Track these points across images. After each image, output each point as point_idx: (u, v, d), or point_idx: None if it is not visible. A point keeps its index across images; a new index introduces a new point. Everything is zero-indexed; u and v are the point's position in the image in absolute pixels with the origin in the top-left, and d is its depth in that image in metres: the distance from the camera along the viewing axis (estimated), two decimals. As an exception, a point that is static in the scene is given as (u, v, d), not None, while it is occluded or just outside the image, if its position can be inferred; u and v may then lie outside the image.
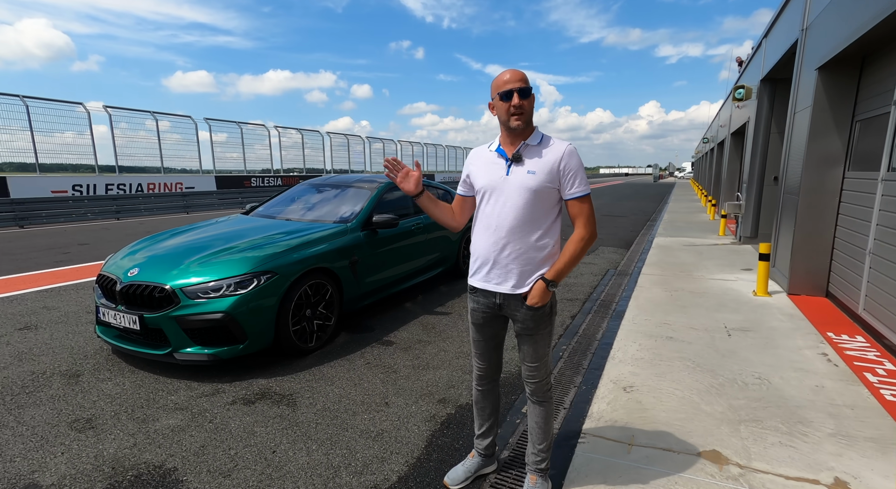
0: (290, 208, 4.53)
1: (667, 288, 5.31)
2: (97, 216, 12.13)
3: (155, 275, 3.05)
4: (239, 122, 18.68)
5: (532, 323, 1.76)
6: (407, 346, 3.65)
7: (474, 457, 2.09)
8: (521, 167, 1.70)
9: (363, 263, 3.99)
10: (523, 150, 1.71)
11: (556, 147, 1.70)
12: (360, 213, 4.18)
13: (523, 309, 1.75)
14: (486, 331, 1.90)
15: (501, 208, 1.72)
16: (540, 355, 1.82)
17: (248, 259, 3.17)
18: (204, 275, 3.02)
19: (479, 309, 1.85)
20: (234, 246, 3.39)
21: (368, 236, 4.09)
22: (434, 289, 5.38)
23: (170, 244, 3.57)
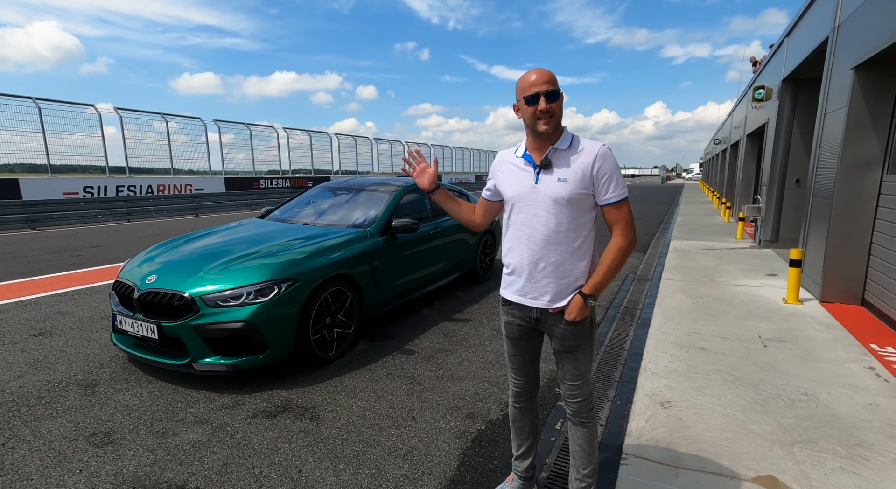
0: (307, 212, 4.44)
1: (691, 294, 5.16)
2: (108, 218, 12.14)
3: (173, 282, 2.96)
4: (248, 124, 18.70)
5: (572, 339, 1.65)
6: (429, 356, 3.54)
7: (514, 481, 1.98)
8: (551, 174, 1.58)
9: (383, 269, 3.88)
10: (552, 156, 1.59)
11: (587, 149, 1.57)
12: (379, 217, 4.08)
13: (562, 324, 1.64)
14: (522, 345, 1.80)
15: (533, 219, 1.62)
16: (581, 373, 1.71)
17: (269, 266, 3.07)
18: (224, 283, 2.93)
19: (515, 322, 1.75)
20: (254, 252, 3.29)
21: (388, 241, 3.98)
22: (451, 294, 5.26)
23: (187, 250, 3.49)
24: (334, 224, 4.08)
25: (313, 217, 4.31)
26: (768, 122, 8.66)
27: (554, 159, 1.59)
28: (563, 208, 1.57)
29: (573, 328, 1.63)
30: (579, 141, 1.60)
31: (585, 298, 1.59)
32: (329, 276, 3.30)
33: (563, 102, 1.56)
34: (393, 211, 4.22)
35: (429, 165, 1.88)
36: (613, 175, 1.56)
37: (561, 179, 1.56)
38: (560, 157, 1.58)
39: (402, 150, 31.34)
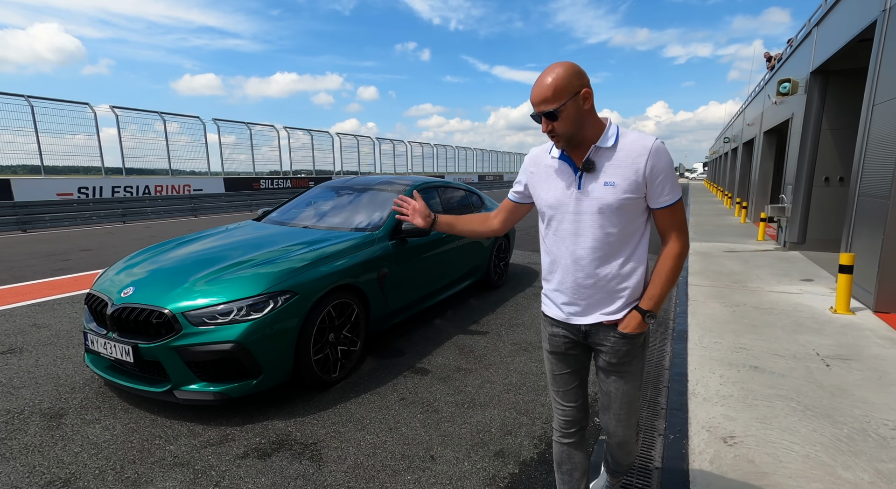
0: (308, 214, 4.04)
1: (725, 302, 4.74)
2: (102, 220, 11.76)
3: (153, 295, 2.56)
4: (248, 123, 18.32)
5: (624, 355, 1.45)
6: (445, 376, 3.13)
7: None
8: (596, 178, 1.36)
9: (392, 277, 3.48)
10: (595, 156, 1.36)
11: (637, 145, 1.33)
12: (387, 219, 3.67)
13: (614, 336, 1.44)
14: (569, 361, 1.56)
15: (576, 230, 1.41)
16: (633, 397, 1.50)
17: (264, 276, 2.67)
18: (211, 296, 2.52)
19: (560, 335, 1.53)
20: (247, 259, 2.89)
21: (397, 246, 3.58)
22: (464, 303, 4.85)
23: (172, 257, 3.08)
24: (337, 227, 3.67)
25: (314, 219, 3.90)
26: (793, 117, 8.24)
27: (597, 159, 1.36)
28: (612, 216, 1.36)
29: (627, 342, 1.43)
30: (626, 134, 1.36)
31: (644, 314, 1.40)
32: (332, 287, 2.89)
33: (574, 110, 1.30)
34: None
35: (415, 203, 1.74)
36: (668, 175, 1.34)
37: (608, 183, 1.34)
38: (604, 157, 1.35)
39: (405, 150, 30.95)
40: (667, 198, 1.35)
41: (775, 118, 9.97)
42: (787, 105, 8.81)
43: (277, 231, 3.63)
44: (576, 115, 1.30)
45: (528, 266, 6.68)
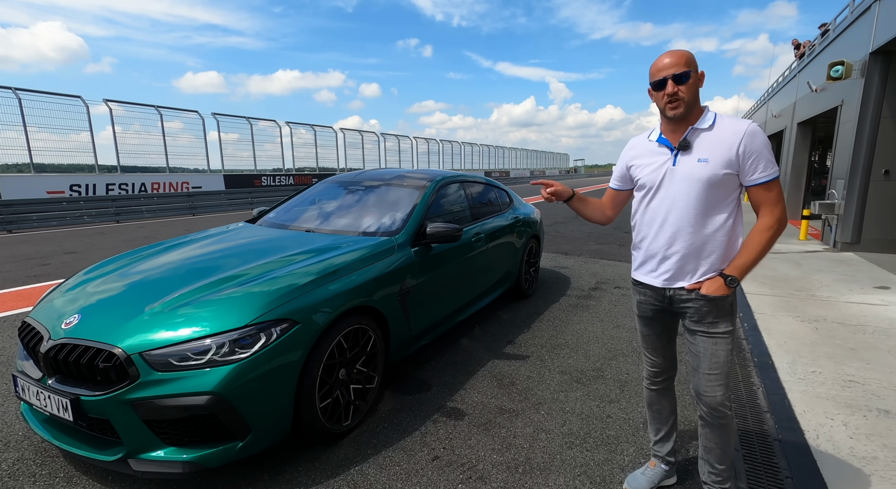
0: (311, 215, 3.36)
1: (797, 315, 4.05)
2: (94, 219, 11.13)
3: (102, 327, 1.90)
4: (249, 118, 17.65)
5: (710, 315, 1.55)
6: (486, 421, 2.46)
7: (655, 466, 1.91)
8: (690, 155, 1.52)
9: (417, 292, 2.81)
10: (691, 136, 1.52)
11: (732, 128, 1.48)
12: (409, 220, 2.99)
13: (699, 301, 1.55)
14: (655, 325, 1.76)
15: (670, 203, 1.56)
16: (723, 360, 1.57)
17: (254, 298, 2.00)
18: (181, 328, 1.86)
19: (647, 301, 1.72)
20: (233, 275, 2.22)
21: (421, 254, 2.90)
22: (493, 316, 4.18)
23: (140, 270, 2.42)
24: (347, 231, 3.00)
25: (319, 221, 3.23)
26: (843, 104, 7.49)
27: (693, 140, 1.52)
28: (703, 190, 1.50)
29: (710, 304, 1.54)
30: (723, 119, 1.52)
31: (727, 279, 1.51)
32: (344, 311, 2.23)
33: (695, 83, 1.49)
34: (426, 212, 3.14)
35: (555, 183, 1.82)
36: (762, 154, 1.46)
37: (701, 160, 1.49)
38: (700, 138, 1.51)
39: (410, 146, 30.23)
40: (760, 175, 1.46)
41: (816, 107, 9.22)
42: (832, 92, 8.06)
43: (275, 236, 2.96)
44: (695, 87, 1.48)
45: (556, 271, 5.99)
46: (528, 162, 51.51)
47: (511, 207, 4.60)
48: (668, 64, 1.46)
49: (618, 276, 5.66)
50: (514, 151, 47.37)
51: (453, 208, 3.63)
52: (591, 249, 7.48)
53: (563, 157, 65.96)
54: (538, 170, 52.82)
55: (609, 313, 4.26)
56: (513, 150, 46.84)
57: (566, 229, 9.84)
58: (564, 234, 9.20)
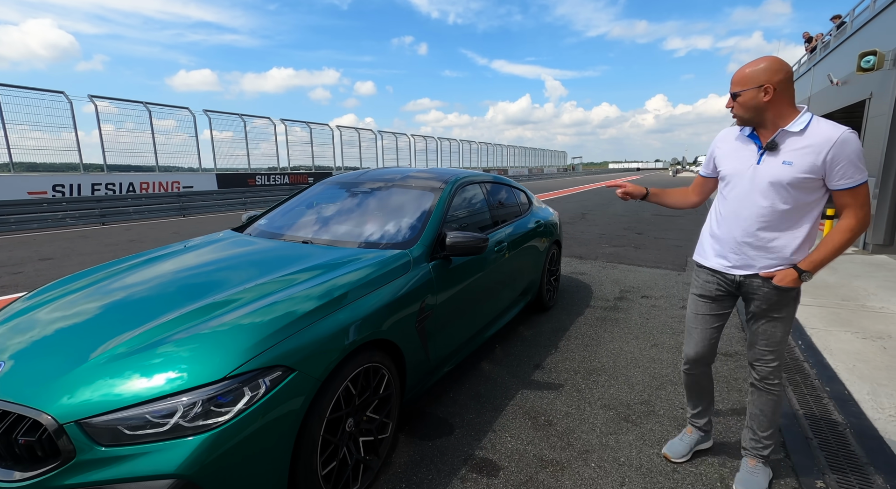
0: (308, 222, 2.88)
1: (855, 330, 3.62)
2: (78, 221, 10.56)
3: (29, 382, 1.42)
4: (242, 115, 17.08)
5: (777, 304, 1.68)
6: (526, 479, 2.00)
7: (693, 433, 2.08)
8: (776, 156, 1.58)
9: (436, 316, 2.34)
10: (780, 138, 1.58)
11: (825, 135, 1.51)
12: (424, 229, 2.52)
13: (767, 288, 1.67)
14: (714, 306, 1.85)
15: (747, 198, 1.65)
16: (779, 339, 1.73)
17: (235, 339, 1.52)
18: (136, 382, 1.38)
19: (713, 283, 1.81)
20: (210, 305, 1.74)
21: (440, 269, 2.43)
22: (513, 333, 3.72)
23: (94, 296, 1.94)
24: (351, 242, 2.52)
25: (317, 230, 2.75)
26: (871, 97, 7.08)
27: (781, 141, 1.58)
28: (782, 191, 1.56)
29: (779, 293, 1.65)
30: (818, 124, 1.54)
31: (801, 273, 1.59)
32: (353, 350, 1.76)
33: (753, 97, 1.56)
34: (443, 219, 2.67)
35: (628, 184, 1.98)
36: (852, 162, 1.49)
37: (786, 163, 1.55)
38: (789, 140, 1.56)
39: (407, 144, 29.72)
40: (845, 182, 1.51)
41: (836, 102, 8.80)
42: (858, 85, 7.65)
43: (265, 249, 2.48)
44: (755, 102, 1.56)
45: (574, 278, 5.54)
46: (526, 160, 51.10)
47: (531, 210, 4.13)
48: (734, 79, 1.62)
49: (642, 284, 5.21)
50: (512, 149, 46.93)
51: (472, 212, 3.17)
52: (607, 253, 7.04)
53: (561, 155, 65.61)
54: (536, 168, 52.41)
55: (642, 329, 3.81)
56: (510, 147, 46.39)
57: (575, 230, 9.40)
58: (574, 235, 8.76)
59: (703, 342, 1.89)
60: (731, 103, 1.62)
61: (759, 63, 1.56)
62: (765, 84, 1.53)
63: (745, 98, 1.58)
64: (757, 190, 1.61)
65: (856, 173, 1.50)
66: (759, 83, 1.54)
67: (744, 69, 1.58)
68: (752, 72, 1.56)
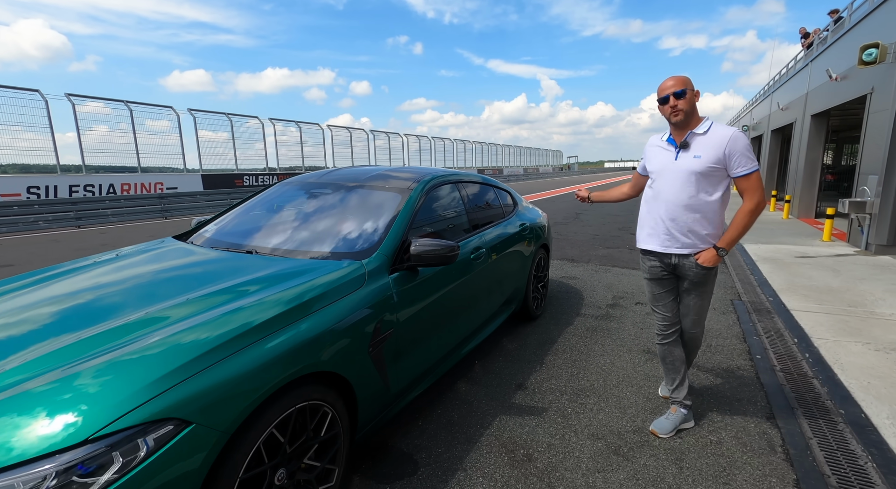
0: (257, 227, 2.55)
1: (867, 341, 3.33)
2: (51, 224, 10.14)
3: None
4: (229, 115, 16.67)
5: (702, 279, 2.11)
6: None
7: (676, 411, 2.30)
8: (688, 152, 2.02)
9: (398, 337, 2.02)
10: (690, 139, 2.03)
11: (721, 133, 1.98)
12: (386, 236, 2.20)
13: (695, 268, 2.09)
14: (664, 284, 2.24)
15: (671, 187, 2.06)
16: (703, 307, 2.21)
17: (108, 385, 1.19)
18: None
19: (658, 266, 2.21)
20: (95, 336, 1.41)
21: (404, 282, 2.12)
22: (496, 346, 3.40)
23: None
24: (300, 252, 2.19)
25: (265, 237, 2.42)
26: (873, 92, 6.81)
27: (691, 141, 2.03)
28: (696, 179, 2.00)
29: (704, 271, 2.09)
30: (716, 127, 2.02)
31: (718, 250, 2.03)
32: (279, 389, 1.43)
33: (691, 98, 2.01)
34: (410, 223, 2.35)
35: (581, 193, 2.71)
36: (744, 154, 1.96)
37: (696, 156, 2.00)
38: (697, 140, 2.02)
39: (401, 144, 29.36)
40: (742, 169, 1.96)
41: (836, 97, 8.54)
42: (858, 79, 7.38)
43: (198, 261, 2.14)
44: (691, 101, 2.01)
45: (564, 282, 5.23)
46: (522, 159, 50.82)
47: (516, 211, 3.82)
48: (670, 85, 2.00)
49: (636, 289, 4.91)
50: (508, 148, 46.64)
51: (447, 216, 2.85)
52: (600, 255, 6.74)
53: (557, 154, 65.40)
54: (531, 167, 52.16)
55: (636, 340, 3.51)
56: (506, 147, 46.09)
57: (569, 231, 9.10)
58: (567, 236, 8.46)
59: (668, 314, 2.28)
60: (676, 101, 1.99)
61: (680, 75, 2.04)
62: (694, 89, 2.02)
63: (689, 96, 2.00)
64: (677, 180, 2.03)
65: (748, 162, 1.95)
66: (693, 86, 2.01)
67: (673, 78, 2.03)
68: (684, 78, 2.02)
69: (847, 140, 19.09)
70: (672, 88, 1.99)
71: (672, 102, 1.99)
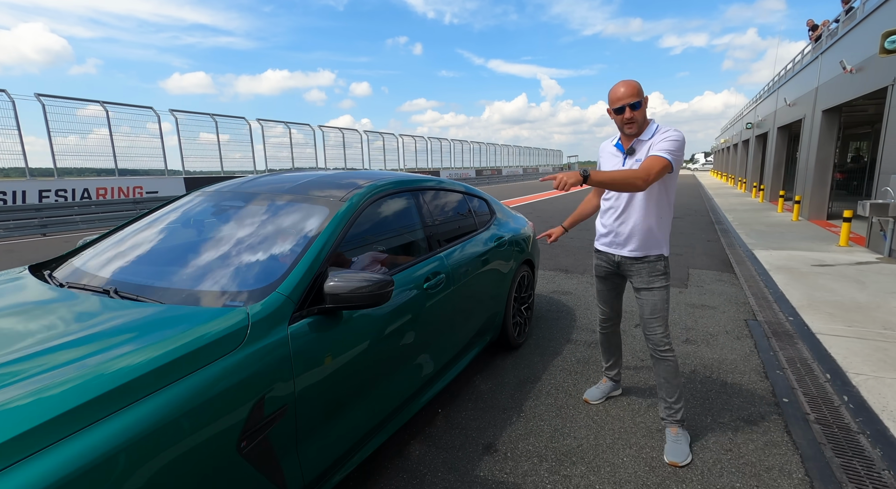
0: (136, 254, 1.95)
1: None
2: (13, 232, 9.51)
3: None
4: (213, 115, 16.07)
5: (648, 276, 2.12)
6: None
7: (607, 383, 2.62)
8: (633, 158, 2.02)
9: (298, 416, 1.44)
10: (636, 145, 2.03)
11: (658, 135, 1.98)
12: (292, 267, 1.61)
13: (638, 265, 2.13)
14: (608, 283, 2.35)
15: (618, 193, 2.09)
16: (657, 309, 2.13)
17: None
18: None
19: (602, 265, 2.30)
20: None
21: (313, 332, 1.53)
22: (466, 388, 2.82)
23: None
24: (173, 292, 1.59)
25: (141, 268, 1.82)
26: (894, 84, 6.22)
27: (637, 147, 2.03)
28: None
29: (649, 268, 2.12)
30: (661, 129, 2.00)
31: (582, 171, 1.79)
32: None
33: (645, 106, 1.99)
34: (333, 248, 1.76)
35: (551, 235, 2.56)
36: (664, 141, 1.92)
37: (638, 160, 1.99)
38: (641, 145, 2.02)
39: (397, 145, 28.77)
40: (654, 150, 1.92)
41: (851, 90, 7.94)
42: (879, 70, 6.79)
43: (28, 308, 1.55)
44: (644, 110, 1.99)
45: (555, 299, 4.64)
46: (521, 159, 50.20)
47: (493, 223, 3.24)
48: (624, 94, 1.96)
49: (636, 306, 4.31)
50: (507, 148, 46.01)
51: (396, 234, 2.27)
52: (597, 264, 6.14)
53: (557, 154, 64.72)
54: (531, 167, 51.55)
55: (635, 378, 2.92)
56: (505, 147, 45.46)
57: (564, 236, 8.49)
58: (562, 241, 7.86)
59: (609, 309, 2.41)
60: (633, 113, 1.95)
61: (633, 81, 1.97)
62: (646, 96, 1.99)
63: (644, 105, 1.98)
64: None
65: (663, 150, 1.89)
66: (644, 94, 1.98)
67: (626, 87, 1.96)
68: (637, 87, 1.96)
69: (853, 137, 18.47)
70: (628, 100, 1.93)
71: (628, 115, 1.95)
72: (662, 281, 2.11)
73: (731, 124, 30.89)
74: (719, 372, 3.01)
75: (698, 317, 4.06)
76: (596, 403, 2.55)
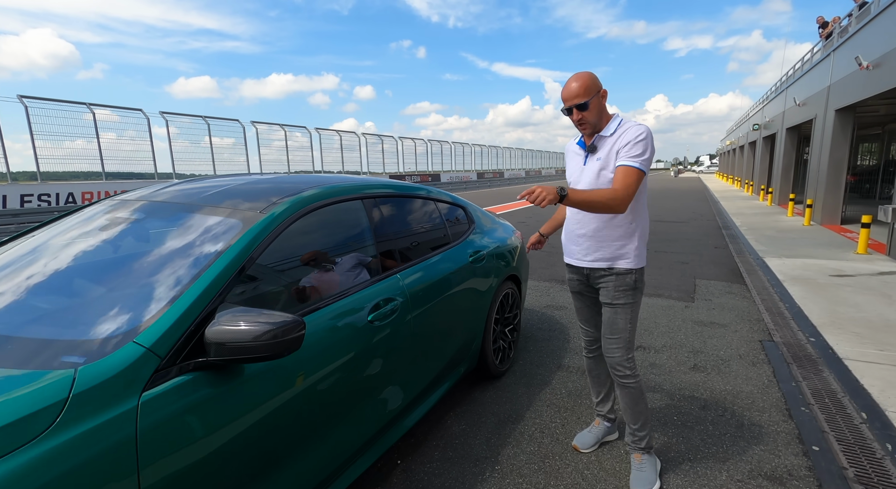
0: (8, 280, 1.55)
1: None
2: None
3: None
4: (206, 117, 15.76)
5: (614, 291, 1.87)
6: None
7: (600, 424, 2.23)
8: (595, 156, 1.83)
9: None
10: (598, 142, 1.84)
11: (622, 130, 1.77)
12: (169, 304, 1.20)
13: (605, 278, 1.89)
14: (584, 299, 2.08)
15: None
16: (619, 328, 1.89)
17: None
18: None
19: (575, 279, 2.06)
20: None
21: (182, 398, 1.11)
22: (435, 429, 2.38)
23: None
24: (15, 340, 1.18)
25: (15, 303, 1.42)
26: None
27: (599, 144, 1.83)
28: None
29: (616, 281, 1.87)
30: (623, 125, 1.79)
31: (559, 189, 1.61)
32: None
33: (597, 104, 1.77)
34: (234, 277, 1.34)
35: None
36: (631, 145, 1.71)
37: (598, 159, 1.81)
38: (603, 142, 1.82)
39: (396, 148, 28.43)
40: (622, 160, 1.72)
41: (868, 88, 7.47)
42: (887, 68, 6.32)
43: None
44: (597, 108, 1.78)
45: (546, 315, 4.20)
46: (524, 162, 49.78)
47: (471, 233, 2.82)
48: (571, 94, 1.75)
49: (641, 328, 3.88)
50: (509, 151, 45.61)
51: (335, 253, 1.85)
52: (596, 274, 5.70)
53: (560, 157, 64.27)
54: (534, 170, 51.11)
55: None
56: (507, 149, 45.05)
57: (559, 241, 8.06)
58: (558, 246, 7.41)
59: (591, 328, 2.13)
60: (580, 114, 1.77)
61: (584, 76, 1.75)
62: (600, 90, 1.78)
63: (594, 104, 1.76)
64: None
65: (632, 156, 1.70)
66: (597, 89, 1.77)
67: (575, 84, 1.75)
68: (586, 83, 1.74)
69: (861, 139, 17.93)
70: (574, 101, 1.75)
71: (576, 116, 1.78)
72: (628, 297, 1.87)
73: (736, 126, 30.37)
74: (734, 408, 2.56)
75: (707, 337, 3.62)
76: (587, 451, 2.16)
